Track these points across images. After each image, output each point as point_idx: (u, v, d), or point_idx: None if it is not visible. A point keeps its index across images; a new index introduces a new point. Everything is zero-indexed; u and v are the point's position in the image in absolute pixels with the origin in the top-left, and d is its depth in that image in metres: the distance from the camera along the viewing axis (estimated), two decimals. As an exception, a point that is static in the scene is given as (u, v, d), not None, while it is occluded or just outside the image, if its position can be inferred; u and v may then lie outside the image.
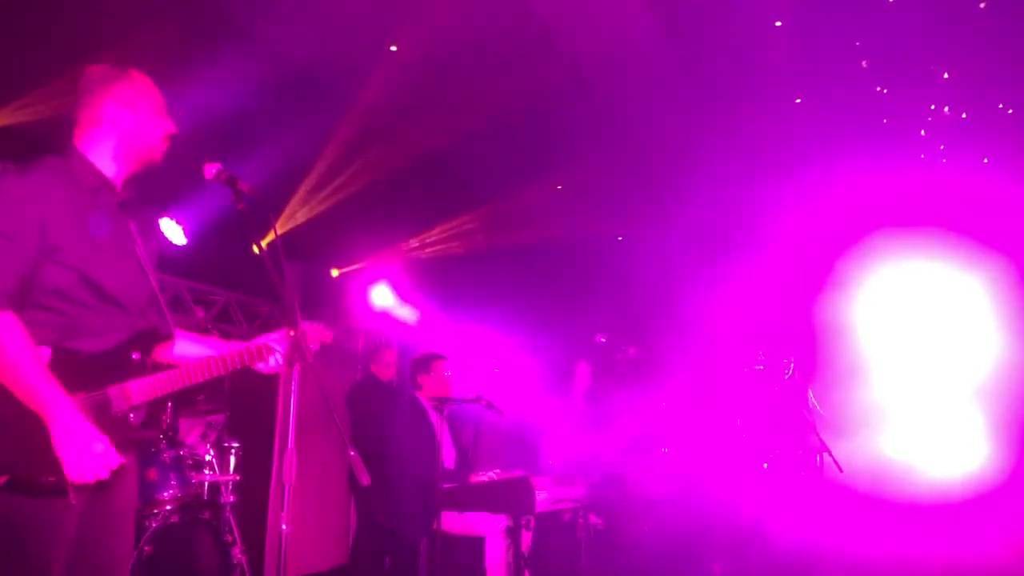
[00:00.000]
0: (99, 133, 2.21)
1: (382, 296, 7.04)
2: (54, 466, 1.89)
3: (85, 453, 1.90)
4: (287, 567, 2.73)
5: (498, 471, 4.85)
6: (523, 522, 4.46)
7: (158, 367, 2.25)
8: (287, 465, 2.54)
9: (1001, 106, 5.34)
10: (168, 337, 2.32)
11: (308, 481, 6.51)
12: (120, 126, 2.21)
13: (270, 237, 2.39)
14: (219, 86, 4.36)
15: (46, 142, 2.37)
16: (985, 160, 5.77)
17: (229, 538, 4.55)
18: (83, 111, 2.22)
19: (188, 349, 2.43)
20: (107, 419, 2.02)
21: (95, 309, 2.08)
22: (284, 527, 2.62)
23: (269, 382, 6.53)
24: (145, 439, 2.18)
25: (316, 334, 2.47)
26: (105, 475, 1.94)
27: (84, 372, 2.01)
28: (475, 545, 4.59)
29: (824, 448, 4.95)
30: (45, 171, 2.09)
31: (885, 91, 5.19)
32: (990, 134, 5.52)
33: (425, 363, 5.17)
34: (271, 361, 2.37)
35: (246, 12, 4.16)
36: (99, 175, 2.19)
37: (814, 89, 5.16)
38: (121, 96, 2.22)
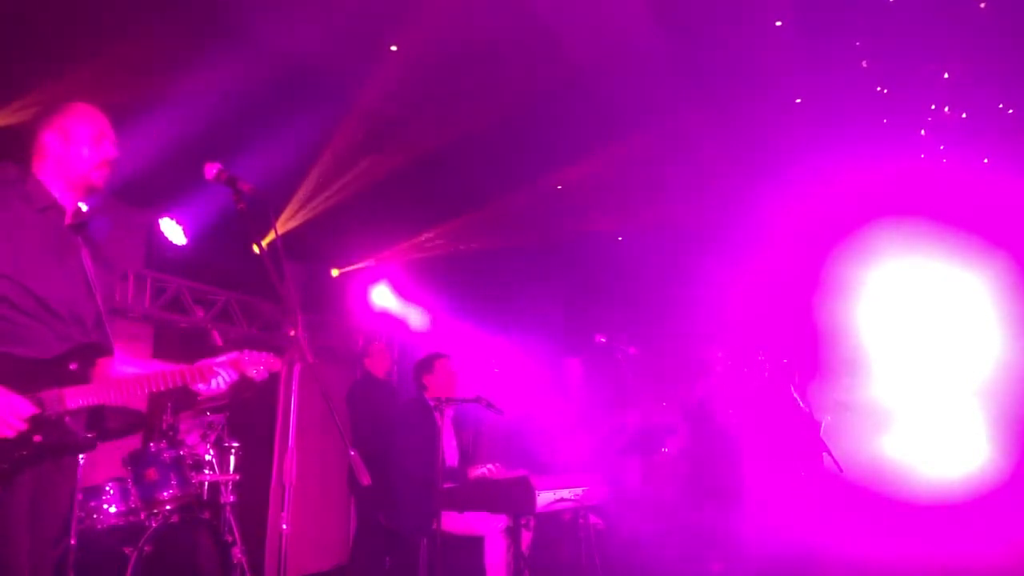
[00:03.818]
0: (42, 161, 2.38)
1: (382, 296, 7.06)
2: None
3: None
4: (287, 567, 2.73)
5: (497, 464, 4.86)
6: (523, 522, 4.46)
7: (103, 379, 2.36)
8: (287, 465, 2.55)
9: (1001, 106, 5.34)
10: (109, 353, 2.41)
11: (308, 481, 6.52)
12: (54, 154, 2.37)
13: (270, 237, 2.39)
14: (219, 86, 4.37)
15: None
16: (985, 160, 5.77)
17: (229, 538, 4.55)
18: (31, 141, 2.41)
19: (129, 371, 2.49)
20: (39, 419, 2.13)
21: (37, 319, 2.20)
22: (284, 527, 2.63)
23: (269, 381, 6.52)
24: (80, 442, 2.27)
25: (261, 362, 2.52)
26: (10, 430, 2.05)
27: (20, 375, 2.12)
28: (475, 545, 4.59)
29: (824, 448, 4.95)
30: None
31: (885, 91, 5.18)
32: (990, 134, 5.52)
33: (428, 363, 5.16)
34: (213, 384, 2.41)
35: (246, 12, 4.15)
36: (48, 196, 2.34)
37: (814, 89, 5.15)
38: (57, 126, 2.39)
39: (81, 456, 3.10)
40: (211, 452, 4.74)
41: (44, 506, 2.24)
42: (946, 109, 5.37)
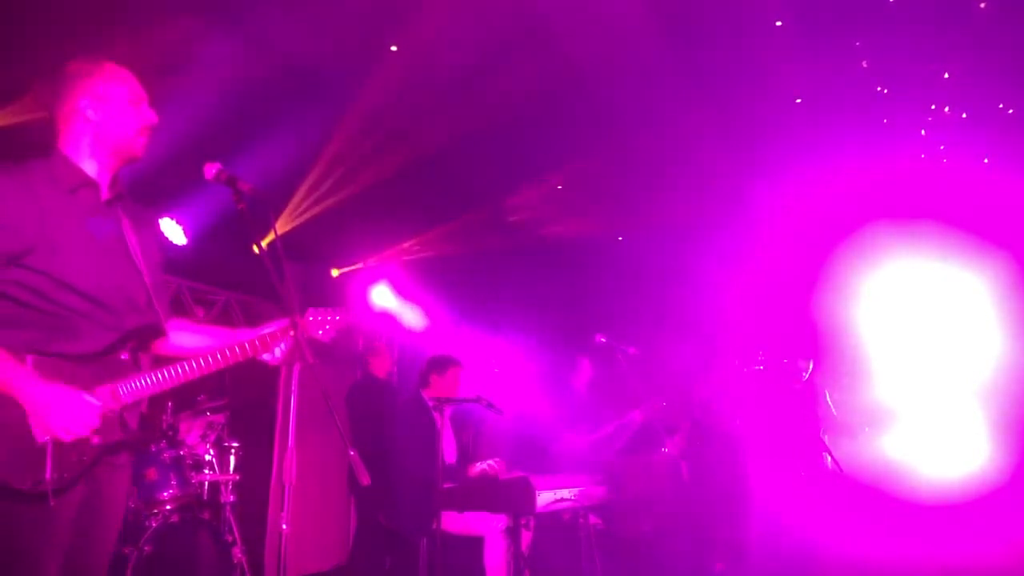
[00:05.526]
0: (74, 131, 2.17)
1: (382, 296, 7.05)
2: (32, 471, 1.90)
3: (58, 412, 1.93)
4: (287, 567, 2.73)
5: (497, 460, 4.86)
6: (523, 522, 4.46)
7: (158, 360, 2.23)
8: (287, 465, 2.54)
9: (1001, 106, 5.34)
10: (162, 333, 2.27)
11: (308, 481, 6.52)
12: (91, 122, 2.16)
13: (270, 237, 2.38)
14: (219, 86, 4.37)
15: (46, 142, 2.34)
16: (985, 160, 5.77)
17: (229, 538, 4.56)
18: (58, 109, 2.18)
19: (187, 340, 2.38)
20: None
21: (78, 311, 2.04)
22: (284, 527, 2.63)
23: (269, 381, 6.53)
24: (139, 440, 2.19)
25: (326, 321, 2.37)
26: (85, 431, 1.96)
27: (70, 376, 2.00)
28: (475, 545, 4.59)
29: (825, 448, 4.95)
30: (15, 174, 2.07)
31: (885, 91, 5.18)
32: (990, 134, 5.52)
33: (442, 365, 5.17)
34: (277, 352, 2.30)
35: (247, 11, 4.16)
36: (80, 174, 2.15)
37: (814, 89, 5.16)
38: (91, 91, 2.17)
39: None
40: (211, 452, 4.75)
41: (99, 508, 2.09)
42: (946, 109, 5.37)
